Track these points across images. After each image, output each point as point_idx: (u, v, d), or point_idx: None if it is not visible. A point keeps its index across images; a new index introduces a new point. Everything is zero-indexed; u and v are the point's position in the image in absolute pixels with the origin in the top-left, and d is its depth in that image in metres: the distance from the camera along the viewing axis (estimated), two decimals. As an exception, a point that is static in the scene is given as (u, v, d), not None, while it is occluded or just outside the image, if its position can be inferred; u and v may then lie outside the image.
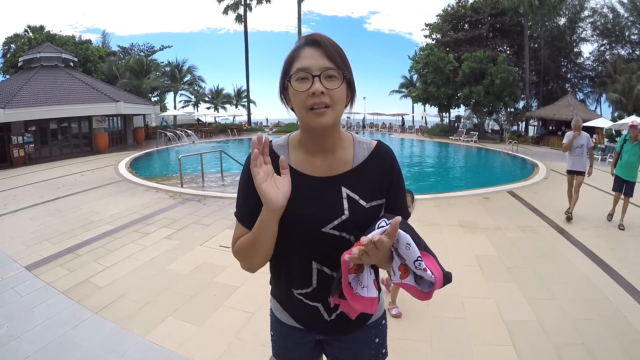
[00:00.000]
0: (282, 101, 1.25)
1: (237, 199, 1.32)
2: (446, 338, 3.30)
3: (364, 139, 1.35)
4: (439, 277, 1.03)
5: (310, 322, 1.39)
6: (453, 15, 37.21)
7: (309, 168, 1.26)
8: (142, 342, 3.11)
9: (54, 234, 5.98)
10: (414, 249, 1.01)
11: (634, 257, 5.41)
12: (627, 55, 37.90)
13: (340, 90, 1.15)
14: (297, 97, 1.14)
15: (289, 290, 1.35)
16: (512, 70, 29.81)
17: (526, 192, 10.15)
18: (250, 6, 38.53)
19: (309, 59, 1.14)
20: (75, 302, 3.78)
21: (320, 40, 1.15)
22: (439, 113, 37.48)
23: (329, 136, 1.24)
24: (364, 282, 1.11)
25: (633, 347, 3.20)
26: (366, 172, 1.28)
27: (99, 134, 20.44)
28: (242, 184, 1.28)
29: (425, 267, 1.01)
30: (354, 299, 1.11)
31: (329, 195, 1.23)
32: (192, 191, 9.66)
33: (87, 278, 4.36)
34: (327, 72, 1.12)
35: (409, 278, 1.07)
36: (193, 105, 46.42)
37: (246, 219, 1.26)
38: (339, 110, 1.17)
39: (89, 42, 37.41)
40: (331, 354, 1.52)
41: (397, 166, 1.35)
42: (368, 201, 1.25)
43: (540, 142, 28.73)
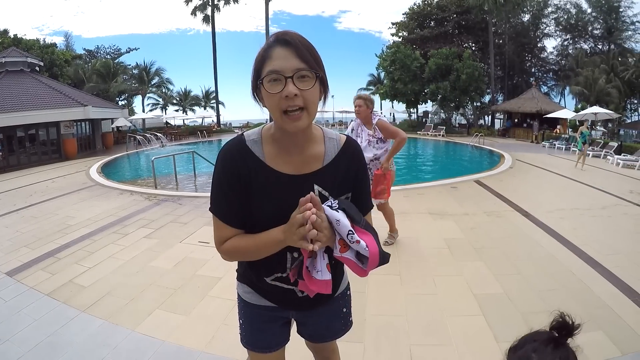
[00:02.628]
0: (255, 100, 1.26)
1: (213, 196, 1.33)
2: (420, 312, 3.56)
3: (334, 135, 1.40)
4: (373, 251, 1.15)
5: (285, 300, 1.46)
6: (419, 14, 38.00)
7: (282, 165, 1.28)
8: (132, 335, 3.24)
9: (32, 240, 5.99)
10: (345, 223, 1.15)
11: (595, 235, 5.82)
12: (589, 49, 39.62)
13: (314, 90, 1.16)
14: (270, 99, 1.15)
15: (261, 277, 1.41)
16: (478, 65, 30.73)
17: (492, 180, 10.61)
18: (218, 7, 38.31)
19: (281, 59, 1.13)
20: (62, 303, 3.85)
21: (291, 40, 1.14)
22: (406, 109, 38.23)
23: (303, 133, 1.27)
24: (318, 267, 1.21)
25: (595, 312, 3.54)
26: (336, 168, 1.34)
27: (67, 139, 20.10)
28: (220, 183, 1.30)
29: (358, 239, 1.14)
30: (311, 281, 1.23)
31: (302, 192, 1.23)
32: (166, 192, 9.73)
33: (71, 279, 4.43)
34: (299, 72, 1.13)
35: (348, 252, 1.19)
36: (161, 108, 45.71)
37: (230, 219, 1.29)
38: (313, 110, 1.19)
39: (54, 46, 36.45)
40: (306, 333, 1.65)
41: (364, 160, 1.44)
42: (336, 197, 1.32)
43: (506, 134, 29.73)
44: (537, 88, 31.93)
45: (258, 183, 1.27)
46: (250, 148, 1.29)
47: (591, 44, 40.46)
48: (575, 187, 9.92)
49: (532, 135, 26.09)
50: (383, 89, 35.64)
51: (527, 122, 28.87)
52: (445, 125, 31.61)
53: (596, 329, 3.26)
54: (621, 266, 4.58)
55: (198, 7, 38.20)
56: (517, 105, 29.48)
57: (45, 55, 31.72)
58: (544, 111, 26.24)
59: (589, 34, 39.89)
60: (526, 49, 42.11)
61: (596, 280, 4.25)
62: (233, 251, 1.31)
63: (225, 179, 1.27)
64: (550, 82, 43.83)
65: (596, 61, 33.80)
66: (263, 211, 1.27)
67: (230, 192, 1.28)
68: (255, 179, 1.26)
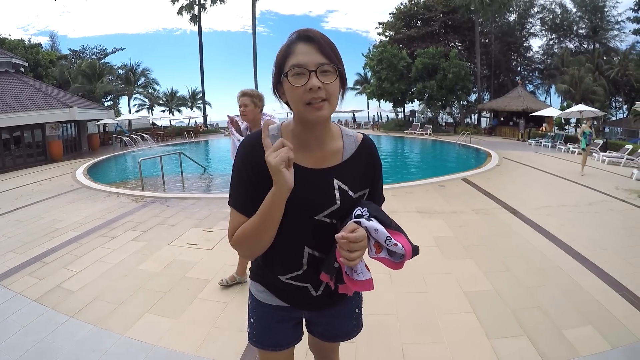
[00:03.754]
0: (276, 96, 1.30)
1: (233, 190, 1.34)
2: (411, 310, 3.60)
3: (351, 132, 1.46)
4: (408, 249, 1.23)
5: (299, 299, 1.48)
6: (406, 13, 38.17)
7: (302, 159, 1.31)
8: (122, 339, 3.20)
9: (18, 244, 5.89)
10: (382, 231, 1.21)
11: (583, 231, 5.93)
12: (575, 48, 40.15)
13: (335, 83, 1.21)
14: (294, 92, 1.19)
15: (276, 276, 1.43)
16: (464, 64, 30.92)
17: (480, 178, 10.73)
18: (204, 6, 38.05)
19: (304, 55, 1.18)
20: (50, 309, 3.80)
21: (313, 36, 1.20)
22: (393, 108, 38.36)
23: (322, 128, 1.32)
24: (359, 270, 1.26)
25: (584, 306, 3.61)
26: (355, 164, 1.39)
27: (53, 141, 19.74)
28: (240, 176, 1.32)
29: (396, 243, 1.21)
30: (353, 284, 1.28)
31: (321, 186, 1.31)
32: (154, 194, 9.64)
33: (59, 284, 4.36)
34: (322, 67, 1.17)
35: (382, 252, 1.26)
36: (148, 108, 45.30)
37: (247, 208, 1.28)
38: (335, 103, 1.23)
39: (39, 46, 35.83)
40: (317, 332, 1.66)
41: (379, 158, 1.49)
42: (356, 192, 1.37)
43: (493, 132, 29.99)
44: (523, 87, 32.29)
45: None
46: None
47: (576, 43, 41.03)
48: (562, 184, 10.05)
49: (518, 134, 26.36)
50: (370, 88, 35.74)
51: (514, 121, 29.15)
52: (432, 124, 31.81)
53: (586, 324, 3.32)
54: (609, 261, 4.66)
55: (185, 7, 37.89)
56: (503, 103, 29.76)
57: (30, 56, 31.14)
58: (529, 109, 26.55)
59: (574, 33, 40.45)
60: (512, 48, 42.55)
61: (584, 275, 4.33)
62: (241, 236, 1.28)
63: (246, 171, 1.29)
64: (536, 80, 44.36)
65: (581, 60, 34.26)
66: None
67: (250, 184, 1.29)
68: None
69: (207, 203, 8.15)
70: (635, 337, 3.11)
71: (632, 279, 4.17)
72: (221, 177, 13.46)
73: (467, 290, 3.97)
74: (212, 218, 6.94)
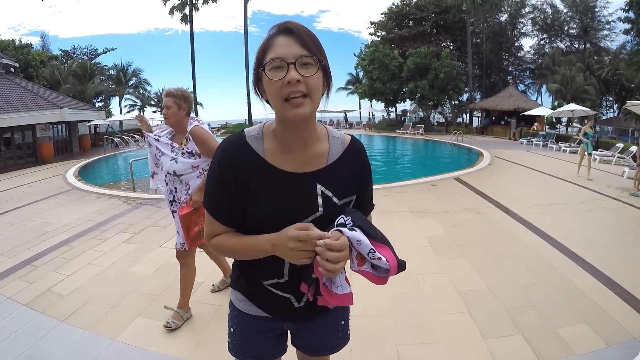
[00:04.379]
0: (257, 93, 1.22)
1: (207, 192, 1.27)
2: (406, 311, 3.57)
3: (338, 134, 1.35)
4: (393, 264, 1.13)
5: (280, 310, 1.39)
6: (398, 13, 38.26)
7: (283, 162, 1.22)
8: (113, 344, 3.14)
9: (8, 247, 5.80)
10: (365, 243, 1.12)
11: (575, 229, 5.96)
12: (566, 48, 40.50)
13: (317, 77, 1.12)
14: (272, 87, 1.11)
15: (258, 281, 1.34)
16: (456, 64, 31.08)
17: (472, 177, 10.77)
18: (196, 6, 37.84)
19: (283, 47, 1.10)
20: (40, 313, 3.73)
21: (293, 28, 1.12)
22: (385, 108, 38.44)
23: (305, 128, 1.21)
24: (337, 282, 1.19)
25: (579, 305, 3.62)
26: (340, 169, 1.29)
27: (43, 143, 19.55)
28: (215, 180, 1.23)
29: (380, 256, 1.12)
30: (331, 297, 1.20)
31: (304, 191, 1.22)
32: (145, 195, 9.56)
33: (49, 288, 4.29)
34: (302, 59, 1.09)
35: (365, 266, 1.18)
36: (139, 109, 44.94)
37: (222, 217, 1.25)
38: (317, 99, 1.14)
39: (30, 46, 35.47)
40: (301, 345, 1.56)
41: (369, 163, 1.39)
42: (341, 198, 1.27)
43: (485, 132, 30.15)
44: (514, 86, 32.51)
45: (258, 181, 1.21)
46: (250, 144, 1.23)
47: (567, 43, 41.40)
48: (554, 182, 10.11)
49: (509, 133, 26.52)
50: (362, 88, 35.82)
51: (505, 120, 29.34)
52: (424, 123, 31.92)
53: (580, 322, 3.32)
54: (602, 259, 4.68)
55: (176, 7, 37.65)
56: (494, 103, 29.93)
57: (21, 56, 30.81)
58: (521, 109, 26.73)
59: (565, 33, 40.80)
60: (503, 48, 42.82)
61: (578, 273, 4.34)
62: (220, 247, 1.27)
63: (221, 176, 1.21)
64: (527, 80, 44.70)
65: (572, 60, 34.59)
66: (262, 210, 1.21)
67: (223, 191, 1.22)
68: (254, 176, 1.20)
69: (200, 204, 8.03)
70: (630, 335, 3.12)
71: (626, 277, 4.19)
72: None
73: (462, 290, 3.96)
74: (204, 219, 6.86)
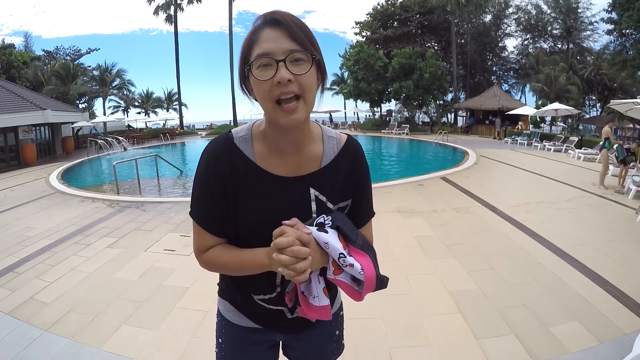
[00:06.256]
0: (244, 92, 1.11)
1: (194, 200, 1.17)
2: (397, 313, 3.54)
3: (334, 133, 1.24)
4: (369, 275, 1.03)
5: (272, 321, 1.31)
6: (382, 13, 38.41)
7: (275, 166, 1.13)
8: (99, 354, 3.05)
9: (-11, 254, 5.62)
10: (334, 246, 1.02)
11: (562, 226, 6.01)
12: (549, 48, 41.10)
13: (310, 75, 1.00)
14: (260, 88, 0.99)
15: (248, 295, 1.25)
16: (440, 64, 31.23)
17: (458, 177, 10.80)
18: (181, 6, 37.50)
19: (271, 41, 0.98)
20: (23, 322, 3.61)
21: (281, 19, 0.99)
22: (370, 108, 38.48)
23: (299, 130, 1.10)
24: (314, 292, 1.09)
25: (569, 302, 3.64)
26: (335, 171, 1.19)
27: (26, 145, 19.12)
28: (201, 187, 1.14)
29: (352, 263, 1.02)
30: (309, 308, 1.10)
31: (296, 196, 1.13)
32: (129, 198, 9.38)
33: (32, 296, 4.16)
34: (292, 55, 0.97)
35: (342, 275, 1.07)
36: (123, 110, 44.32)
37: (211, 227, 1.15)
38: (311, 99, 1.03)
39: (12, 47, 34.83)
40: (294, 356, 1.46)
41: (366, 163, 1.26)
42: (335, 203, 1.18)
43: (469, 131, 30.35)
44: (498, 86, 32.83)
45: (247, 186, 1.11)
46: (238, 146, 1.13)
47: (551, 43, 42.03)
48: (540, 181, 10.20)
49: (494, 132, 26.73)
50: (347, 88, 35.79)
51: (490, 119, 29.58)
52: (409, 123, 31.99)
53: (572, 320, 3.34)
54: (590, 256, 4.73)
55: (161, 7, 37.23)
56: (479, 102, 30.17)
57: (3, 57, 30.35)
58: (505, 108, 26.96)
59: (548, 33, 41.40)
60: (488, 48, 43.31)
61: (567, 271, 4.37)
62: (212, 263, 1.16)
63: (208, 183, 1.11)
64: (511, 80, 45.29)
65: (556, 60, 35.14)
66: (252, 218, 1.12)
67: (212, 198, 1.12)
68: (244, 181, 1.11)
69: (184, 207, 7.95)
70: (621, 331, 3.14)
71: (614, 273, 4.23)
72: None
73: (452, 290, 3.95)
74: (189, 222, 6.57)
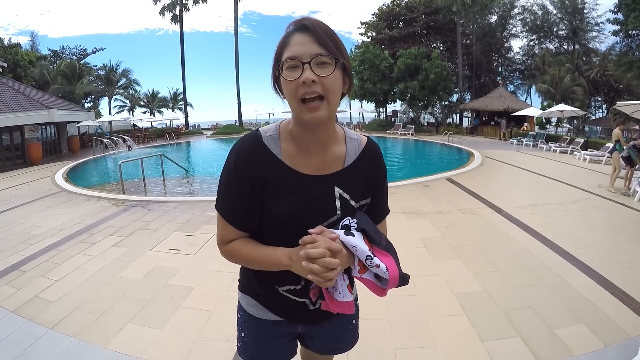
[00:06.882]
0: (276, 92, 1.19)
1: (220, 195, 1.25)
2: (402, 315, 3.52)
3: (355, 135, 1.34)
4: (393, 274, 1.12)
5: (295, 314, 1.38)
6: (388, 14, 38.41)
7: (301, 164, 1.21)
8: (103, 353, 3.06)
9: (-6, 252, 5.66)
10: (362, 248, 1.10)
11: (568, 229, 5.97)
12: (555, 49, 40.91)
13: (334, 77, 1.09)
14: (287, 87, 1.09)
15: (272, 287, 1.32)
16: (446, 65, 31.17)
17: (464, 178, 10.76)
18: (186, 6, 37.58)
19: (299, 45, 1.07)
20: (28, 320, 3.62)
21: (309, 25, 1.09)
22: (375, 109, 38.44)
23: (324, 129, 1.20)
24: (339, 289, 1.17)
25: (575, 305, 3.61)
26: (357, 171, 1.28)
27: (32, 144, 19.20)
28: (229, 183, 1.21)
29: (378, 263, 1.10)
30: (333, 304, 1.18)
31: (321, 194, 1.21)
32: (135, 197, 9.40)
33: (37, 294, 4.18)
34: (317, 58, 1.06)
35: (367, 274, 1.16)
36: (128, 110, 44.61)
37: (236, 221, 1.23)
38: (334, 100, 1.12)
39: (18, 46, 35.05)
40: (313, 345, 1.54)
41: (384, 165, 1.37)
42: (357, 201, 1.26)
43: (475, 132, 30.25)
44: (504, 87, 32.65)
45: (274, 183, 1.19)
46: (267, 145, 1.21)
47: (556, 44, 41.90)
48: (545, 182, 10.14)
49: (499, 133, 26.64)
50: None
51: (495, 120, 29.49)
52: (414, 124, 31.94)
53: (577, 322, 3.32)
54: (596, 259, 4.69)
55: (167, 7, 37.32)
56: (484, 103, 30.05)
57: (9, 56, 30.43)
58: (511, 109, 26.86)
59: (554, 34, 41.27)
60: (493, 49, 43.19)
61: (572, 273, 4.34)
62: (233, 255, 1.25)
63: (235, 179, 1.19)
64: (516, 81, 45.15)
65: (562, 60, 35.01)
66: (278, 213, 1.19)
67: (238, 194, 1.20)
68: (271, 178, 1.19)
69: (189, 206, 7.96)
70: (627, 335, 3.11)
71: (620, 276, 4.19)
72: (203, 180, 13.25)
73: (457, 291, 3.93)
74: (194, 222, 6.79)
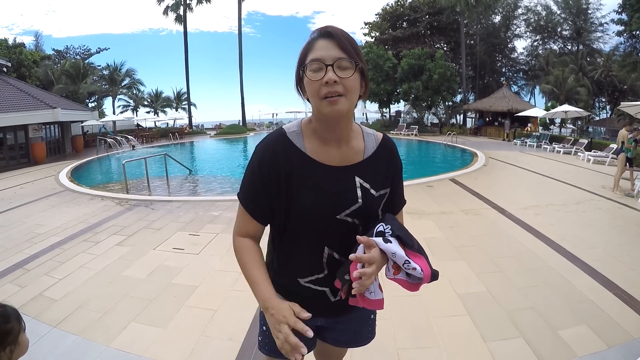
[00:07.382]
0: (298, 92, 1.30)
1: (244, 187, 1.35)
2: (405, 314, 3.53)
3: (371, 131, 1.45)
4: (427, 274, 1.20)
5: (316, 306, 1.39)
6: (392, 14, 38.36)
7: (324, 157, 1.31)
8: (107, 351, 3.07)
9: (-1, 250, 5.70)
10: (401, 255, 1.18)
11: (571, 230, 5.96)
12: (559, 49, 40.72)
13: (353, 79, 1.19)
14: (311, 87, 1.20)
15: (295, 279, 1.40)
16: (450, 65, 31.07)
17: (467, 178, 10.75)
18: (190, 6, 37.68)
19: (322, 49, 1.19)
20: (32, 318, 3.63)
21: (333, 32, 1.21)
22: (379, 109, 38.38)
23: (344, 126, 1.30)
24: (371, 289, 1.25)
25: (578, 306, 3.61)
26: (376, 162, 1.38)
27: (36, 143, 19.22)
28: (254, 177, 1.31)
29: (415, 267, 1.18)
30: (364, 301, 1.26)
31: (344, 184, 1.30)
32: (138, 197, 9.44)
33: (41, 292, 4.20)
34: (339, 61, 1.17)
35: (401, 274, 1.24)
36: (132, 109, 44.64)
37: (257, 214, 1.33)
38: (353, 99, 1.22)
39: (23, 46, 35.21)
40: (331, 337, 1.60)
41: (400, 159, 1.49)
42: (377, 190, 1.36)
43: (478, 132, 30.21)
44: (507, 87, 32.59)
45: (300, 175, 1.28)
46: (292, 140, 1.31)
47: (560, 44, 41.74)
48: (549, 183, 10.12)
49: (503, 134, 26.57)
50: (355, 89, 35.77)
51: (499, 121, 29.42)
52: (418, 124, 31.87)
53: (580, 323, 3.31)
54: (599, 260, 4.68)
55: (170, 7, 37.45)
56: (488, 104, 29.98)
57: (13, 56, 30.58)
58: (515, 110, 26.78)
59: (558, 34, 41.12)
60: (497, 49, 43.04)
61: (576, 274, 4.33)
62: (238, 252, 1.36)
63: (260, 174, 1.28)
64: (520, 81, 45.03)
65: (565, 61, 34.87)
66: (305, 204, 1.27)
67: (262, 186, 1.29)
68: (298, 171, 1.28)
69: (193, 206, 8.00)
70: (630, 336, 3.11)
71: (623, 277, 4.19)
72: (207, 179, 13.28)
73: (461, 292, 3.93)
74: (198, 221, 6.81)
